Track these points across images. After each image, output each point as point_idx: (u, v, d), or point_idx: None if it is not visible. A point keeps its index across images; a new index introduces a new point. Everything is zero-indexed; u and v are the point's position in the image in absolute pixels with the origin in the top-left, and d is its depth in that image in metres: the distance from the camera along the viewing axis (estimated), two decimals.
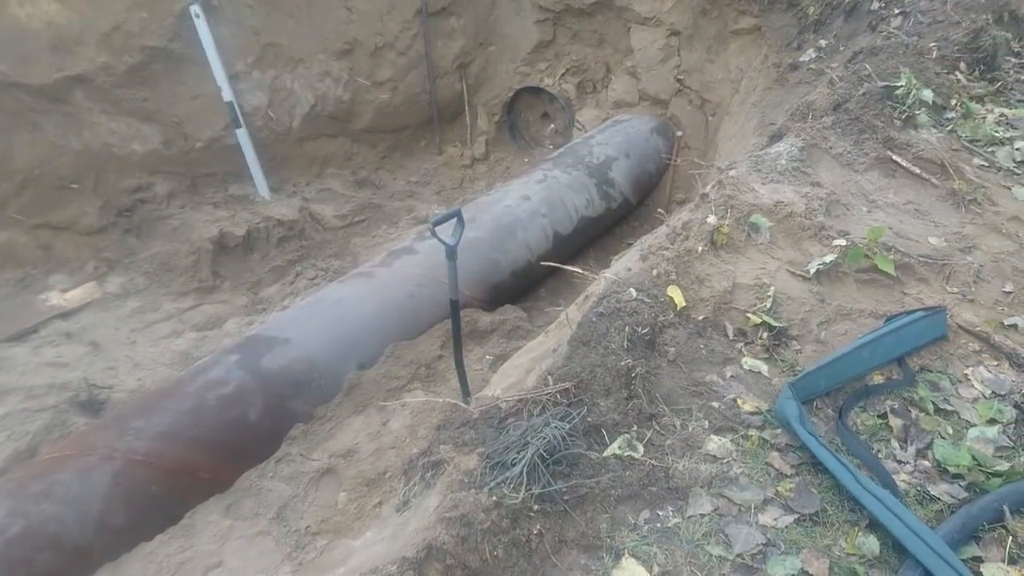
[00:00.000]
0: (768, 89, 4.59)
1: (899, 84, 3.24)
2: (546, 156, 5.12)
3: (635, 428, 1.78)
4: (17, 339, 3.98)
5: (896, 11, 4.05)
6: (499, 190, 4.50)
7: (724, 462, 1.71)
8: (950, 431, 1.81)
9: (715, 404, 1.88)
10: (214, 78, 4.90)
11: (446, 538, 1.44)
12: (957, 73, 3.54)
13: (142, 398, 3.17)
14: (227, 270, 4.74)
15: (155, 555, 2.49)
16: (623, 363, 1.85)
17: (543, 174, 4.58)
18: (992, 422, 1.83)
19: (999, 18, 3.79)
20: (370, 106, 5.84)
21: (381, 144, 6.15)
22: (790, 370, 2.00)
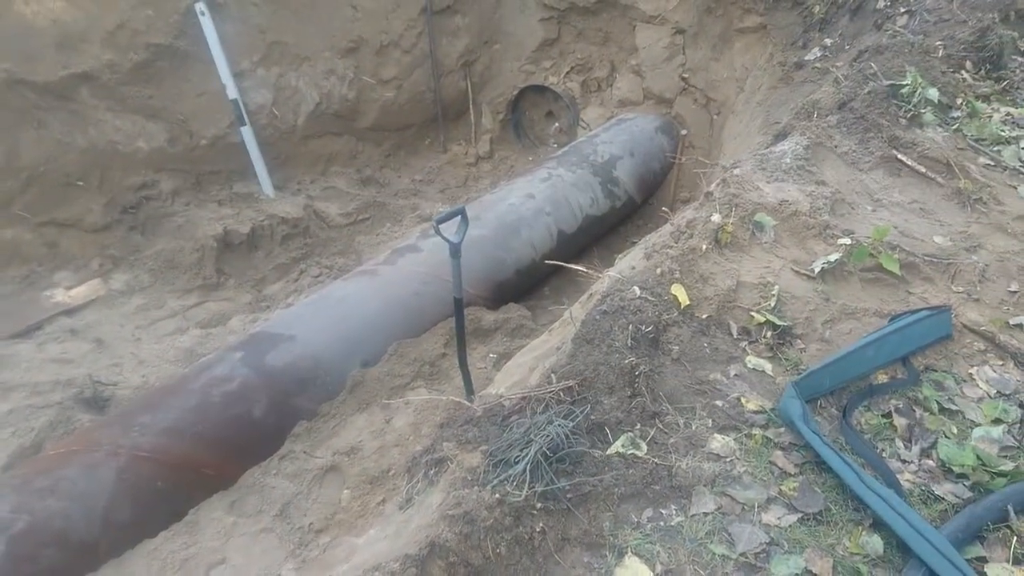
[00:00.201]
0: (773, 88, 4.58)
1: (905, 83, 3.22)
2: (551, 154, 5.11)
3: (638, 426, 1.78)
4: (22, 336, 4.00)
5: (902, 10, 4.04)
6: (503, 188, 4.49)
7: (727, 461, 1.70)
8: (954, 430, 1.81)
9: (719, 403, 1.88)
10: (219, 76, 4.91)
11: (449, 535, 1.44)
12: (963, 72, 3.53)
13: (147, 395, 3.18)
14: (231, 267, 4.75)
15: (159, 551, 2.50)
16: (627, 361, 1.85)
17: (547, 172, 4.57)
18: (997, 422, 1.83)
19: (1005, 17, 3.77)
20: (375, 104, 5.84)
21: (386, 142, 6.15)
22: (794, 369, 2.00)
